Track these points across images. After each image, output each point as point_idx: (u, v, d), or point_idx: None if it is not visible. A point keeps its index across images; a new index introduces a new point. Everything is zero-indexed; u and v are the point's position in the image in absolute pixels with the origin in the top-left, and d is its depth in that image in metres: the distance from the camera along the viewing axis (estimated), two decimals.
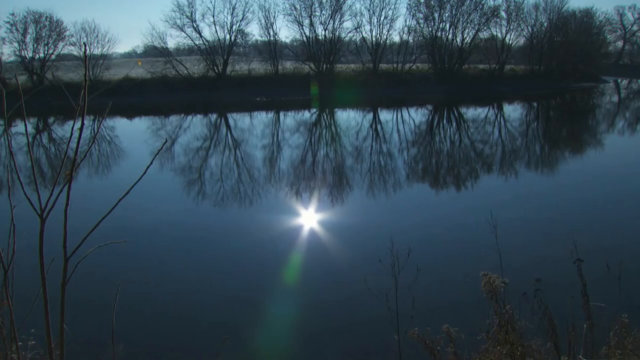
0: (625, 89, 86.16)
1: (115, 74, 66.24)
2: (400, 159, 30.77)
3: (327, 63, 70.38)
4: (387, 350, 5.99)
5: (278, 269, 13.94)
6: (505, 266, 6.02)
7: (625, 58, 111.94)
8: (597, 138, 38.87)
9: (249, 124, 47.86)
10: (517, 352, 5.14)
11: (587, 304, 5.97)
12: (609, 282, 6.89)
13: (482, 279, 5.20)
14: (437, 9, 72.97)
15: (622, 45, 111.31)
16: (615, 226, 17.09)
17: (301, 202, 20.86)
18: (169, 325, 11.14)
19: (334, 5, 69.64)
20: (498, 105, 61.12)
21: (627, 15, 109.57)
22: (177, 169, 27.77)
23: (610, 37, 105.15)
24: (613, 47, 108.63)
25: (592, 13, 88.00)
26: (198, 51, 68.76)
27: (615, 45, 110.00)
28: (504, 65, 79.13)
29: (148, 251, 15.42)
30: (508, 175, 26.46)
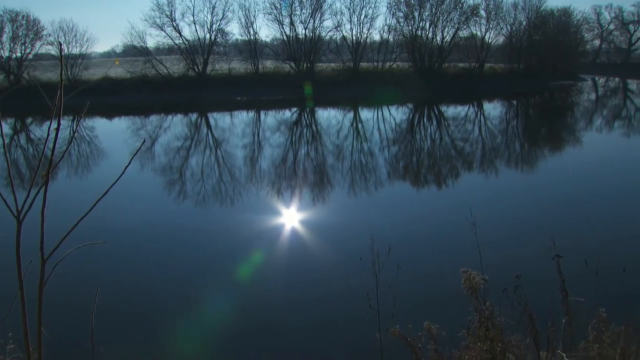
0: (603, 87, 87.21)
1: (94, 74, 65.63)
2: (381, 157, 30.87)
3: (308, 62, 70.37)
4: (369, 348, 6.00)
5: (259, 268, 13.93)
6: (485, 263, 6.06)
7: (602, 56, 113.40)
8: (575, 136, 39.28)
9: (230, 124, 47.69)
10: (497, 348, 5.17)
11: (565, 300, 6.03)
12: (587, 278, 6.95)
13: (462, 275, 5.23)
14: (417, 7, 73.30)
15: (599, 43, 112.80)
16: (592, 223, 17.29)
17: (282, 201, 20.85)
18: (150, 327, 11.06)
19: (314, 4, 69.70)
20: (478, 104, 61.53)
21: (603, 15, 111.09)
22: (158, 169, 27.60)
23: (588, 36, 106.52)
24: (590, 46, 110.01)
25: (569, 12, 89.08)
26: (178, 50, 68.35)
27: (593, 44, 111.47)
28: (483, 63, 79.71)
29: (128, 252, 15.30)
30: (488, 173, 26.68)
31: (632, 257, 9.72)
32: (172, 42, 68.65)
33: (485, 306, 5.29)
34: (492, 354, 5.14)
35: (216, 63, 69.19)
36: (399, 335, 5.46)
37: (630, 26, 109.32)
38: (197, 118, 52.04)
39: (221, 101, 60.98)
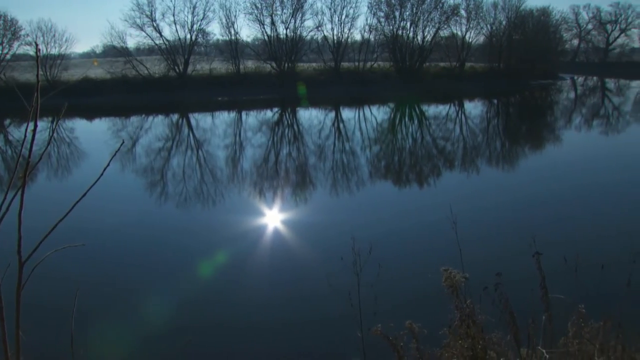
0: (582, 86, 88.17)
1: (73, 75, 64.95)
2: (362, 156, 30.92)
3: (289, 62, 70.31)
4: (351, 348, 6.02)
5: (241, 268, 13.90)
6: (466, 261, 6.09)
7: (581, 56, 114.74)
8: (555, 134, 39.64)
9: (211, 124, 47.49)
10: (478, 345, 5.21)
11: (545, 296, 6.08)
12: (567, 275, 7.05)
13: (443, 274, 5.26)
14: (398, 7, 73.51)
15: (577, 43, 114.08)
16: (572, 220, 17.47)
17: (264, 201, 20.82)
18: (130, 329, 10.99)
19: (295, 4, 69.61)
20: (459, 103, 61.89)
21: (582, 15, 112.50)
22: (139, 170, 27.43)
23: (567, 36, 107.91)
24: (569, 45, 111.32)
25: (548, 12, 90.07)
26: (159, 51, 67.84)
27: (572, 43, 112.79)
28: (464, 63, 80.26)
29: (108, 253, 15.18)
30: (468, 171, 26.84)
31: (610, 255, 9.84)
32: (152, 42, 68.23)
33: (466, 304, 5.33)
34: (473, 352, 5.17)
35: (197, 63, 68.83)
36: (381, 334, 5.47)
37: (608, 26, 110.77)
38: (178, 119, 51.75)
39: (202, 101, 60.71)
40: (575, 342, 5.59)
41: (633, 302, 6.34)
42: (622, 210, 18.53)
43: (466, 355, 5.16)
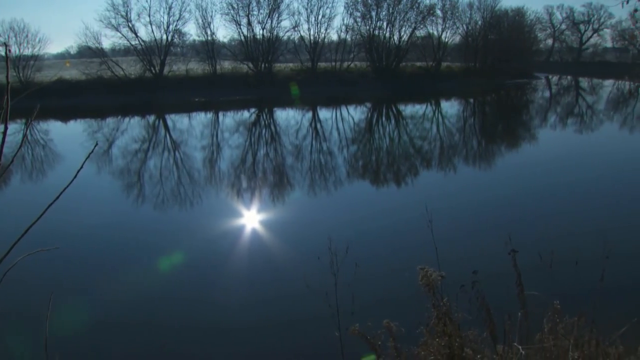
0: (556, 85, 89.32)
1: (47, 75, 64.04)
2: (339, 156, 30.96)
3: (266, 62, 70.17)
4: (329, 347, 6.03)
5: (218, 269, 13.85)
6: (442, 259, 6.13)
7: (555, 55, 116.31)
8: (530, 133, 40.06)
9: (188, 125, 47.18)
10: (455, 343, 5.25)
11: (521, 293, 6.15)
12: (542, 271, 7.13)
13: (419, 273, 5.28)
14: (374, 7, 73.83)
15: (552, 43, 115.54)
16: (547, 218, 17.67)
17: (242, 202, 20.77)
18: (106, 332, 10.90)
19: (272, 4, 69.50)
20: (435, 102, 62.27)
21: (555, 15, 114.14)
22: (115, 172, 27.17)
23: (541, 35, 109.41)
24: (544, 45, 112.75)
25: (523, 12, 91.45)
26: (134, 51, 67.21)
27: (546, 43, 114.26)
28: (440, 62, 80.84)
29: (83, 256, 15.02)
30: (445, 170, 27.03)
31: (584, 251, 9.98)
32: (128, 43, 67.50)
33: (442, 302, 5.36)
34: (450, 349, 5.21)
35: (173, 64, 68.38)
36: (359, 334, 5.49)
37: (581, 26, 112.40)
38: (154, 120, 51.36)
39: (179, 102, 60.28)
40: (551, 338, 5.65)
41: (606, 297, 6.43)
42: (596, 207, 18.81)
43: (443, 353, 5.20)
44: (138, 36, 67.20)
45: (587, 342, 5.51)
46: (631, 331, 5.78)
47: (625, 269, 12.46)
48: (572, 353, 5.36)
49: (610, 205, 18.98)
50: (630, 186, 22.12)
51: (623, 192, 20.99)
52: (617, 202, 19.51)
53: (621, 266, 12.22)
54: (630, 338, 5.75)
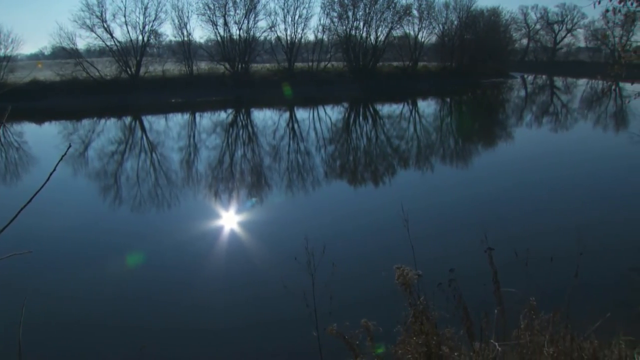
0: (532, 84, 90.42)
1: (21, 77, 63.04)
2: (317, 156, 30.95)
3: (242, 63, 69.98)
4: (307, 348, 6.02)
5: (195, 271, 13.78)
6: (420, 258, 6.16)
7: (530, 55, 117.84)
8: (506, 132, 40.48)
9: (165, 126, 46.87)
10: (432, 341, 5.28)
11: (498, 291, 6.20)
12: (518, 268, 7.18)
13: (396, 272, 5.31)
14: (351, 7, 74.06)
15: (527, 42, 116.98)
16: (522, 215, 17.88)
17: (220, 203, 20.68)
18: (82, 336, 10.78)
19: (248, 5, 69.35)
20: (412, 102, 62.58)
21: (530, 15, 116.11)
22: (91, 174, 26.89)
23: (516, 35, 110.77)
24: (519, 45, 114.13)
25: (498, 12, 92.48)
26: (110, 52, 66.54)
27: (521, 42, 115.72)
28: (417, 62, 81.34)
29: (58, 260, 14.87)
30: (422, 170, 27.20)
31: (559, 247, 10.10)
32: (103, 43, 66.78)
33: (419, 301, 5.39)
34: (427, 347, 5.24)
35: (149, 65, 67.89)
36: (336, 333, 5.50)
37: (555, 26, 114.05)
38: (131, 121, 50.91)
39: (155, 103, 59.85)
40: (527, 334, 5.71)
41: (581, 293, 6.51)
42: (570, 204, 19.05)
43: (420, 351, 5.22)
44: (113, 37, 66.62)
45: (562, 337, 5.57)
46: (605, 326, 5.86)
47: (598, 265, 12.66)
48: (548, 349, 5.42)
49: (584, 203, 19.25)
50: (603, 183, 22.46)
51: (596, 190, 21.31)
52: (591, 199, 19.79)
53: (595, 262, 12.42)
54: (604, 332, 5.83)
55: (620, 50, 12.21)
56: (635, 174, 20.35)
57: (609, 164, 26.42)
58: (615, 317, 6.06)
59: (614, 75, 11.93)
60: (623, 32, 76.66)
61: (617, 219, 17.20)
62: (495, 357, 5.56)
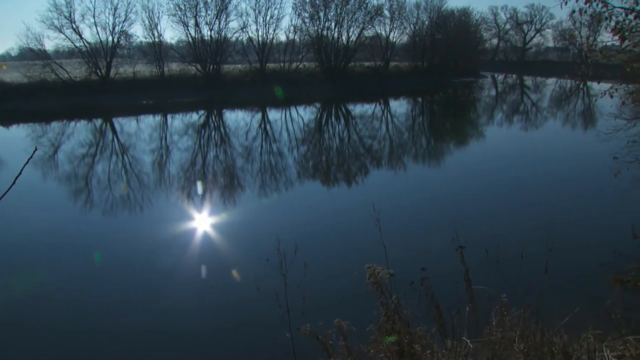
0: (502, 83, 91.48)
1: None
2: (289, 157, 30.92)
3: (214, 64, 69.58)
4: (280, 349, 6.02)
5: (167, 274, 13.68)
6: (392, 258, 6.20)
7: (500, 54, 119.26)
8: (477, 131, 40.90)
9: (136, 128, 46.40)
10: (404, 340, 5.31)
11: (469, 288, 6.27)
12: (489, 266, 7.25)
13: (367, 271, 5.33)
14: (322, 8, 74.15)
15: (497, 42, 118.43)
16: (493, 214, 18.09)
17: (191, 205, 20.55)
18: (53, 340, 10.64)
19: (219, 6, 68.97)
20: (384, 101, 62.87)
21: (500, 15, 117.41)
22: (62, 178, 26.50)
23: (486, 35, 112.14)
24: (489, 45, 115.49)
25: (469, 12, 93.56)
26: (79, 54, 65.55)
27: (491, 42, 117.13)
28: (388, 62, 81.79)
29: (25, 264, 14.64)
30: (394, 169, 27.34)
31: (529, 244, 10.22)
32: (72, 44, 65.74)
33: (391, 300, 5.42)
34: (399, 346, 5.27)
35: (120, 66, 67.07)
36: (310, 334, 5.51)
37: (524, 26, 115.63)
38: (101, 123, 50.28)
39: (126, 105, 59.18)
40: (499, 331, 5.77)
41: (550, 289, 6.62)
42: (540, 202, 19.32)
43: (393, 350, 5.26)
44: (83, 38, 65.58)
45: (533, 333, 5.65)
46: (575, 320, 5.96)
47: (568, 261, 12.85)
48: (518, 344, 5.49)
49: (554, 200, 19.52)
50: (572, 181, 22.80)
51: (565, 187, 21.62)
52: (560, 197, 20.08)
53: (564, 258, 12.61)
54: (574, 327, 5.92)
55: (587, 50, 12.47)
56: (602, 172, 20.65)
57: (577, 162, 26.83)
58: (584, 312, 6.17)
59: (582, 75, 12.12)
60: (590, 33, 77.96)
61: (585, 216, 17.49)
62: (467, 354, 5.61)
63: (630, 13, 10.11)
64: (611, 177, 14.69)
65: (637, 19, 10.14)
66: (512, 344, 5.54)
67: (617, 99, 11.90)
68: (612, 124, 17.09)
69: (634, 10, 10.04)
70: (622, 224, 15.87)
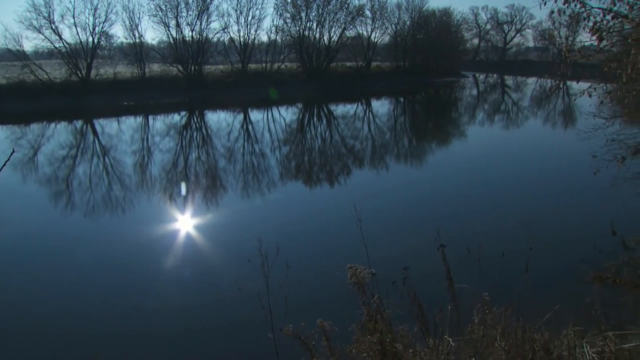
0: (483, 83, 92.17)
1: None
2: (272, 158, 30.88)
3: (195, 64, 69.18)
4: (263, 350, 6.01)
5: (150, 276, 13.61)
6: (374, 257, 6.22)
7: (481, 54, 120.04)
8: (459, 130, 41.15)
9: (117, 130, 46.04)
10: (386, 339, 5.33)
11: (451, 287, 6.32)
12: (471, 265, 7.31)
13: (349, 271, 5.34)
14: (304, 8, 74.06)
15: (478, 42, 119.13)
16: (473, 213, 18.22)
17: (174, 206, 20.47)
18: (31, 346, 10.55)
19: (200, 6, 68.59)
20: (366, 101, 62.98)
21: (481, 15, 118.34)
22: (42, 180, 26.22)
23: (468, 35, 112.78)
24: (470, 44, 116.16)
25: (450, 12, 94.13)
26: (59, 54, 64.76)
27: (472, 42, 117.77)
28: (370, 62, 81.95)
29: (4, 267, 14.49)
30: (376, 169, 27.43)
31: (510, 243, 10.32)
32: (52, 45, 64.92)
33: (373, 300, 5.44)
34: (382, 345, 5.28)
35: (100, 67, 66.32)
36: (292, 334, 5.51)
37: (505, 26, 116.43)
38: (82, 125, 49.81)
39: (107, 107, 58.53)
40: (481, 329, 5.81)
41: (531, 286, 6.68)
42: (520, 201, 19.50)
43: (375, 349, 5.27)
44: (62, 38, 64.71)
45: (514, 330, 5.69)
46: (555, 317, 6.02)
47: (549, 259, 12.96)
48: (500, 342, 5.53)
49: (534, 199, 19.72)
50: (552, 180, 23.02)
51: (546, 186, 21.82)
52: (540, 195, 20.28)
53: (545, 256, 12.72)
54: (554, 324, 5.98)
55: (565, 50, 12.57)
56: (582, 170, 20.84)
57: (557, 160, 27.06)
58: (565, 309, 6.23)
59: (561, 75, 12.23)
60: (569, 33, 78.65)
61: (566, 214, 17.65)
62: (449, 353, 5.64)
63: (608, 13, 10.21)
64: (591, 175, 14.83)
65: (614, 20, 10.24)
66: (493, 342, 5.58)
67: (596, 98, 12.02)
68: (591, 122, 17.28)
69: (612, 10, 10.14)
70: (601, 222, 16.04)
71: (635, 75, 9.85)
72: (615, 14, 10.17)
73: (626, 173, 12.92)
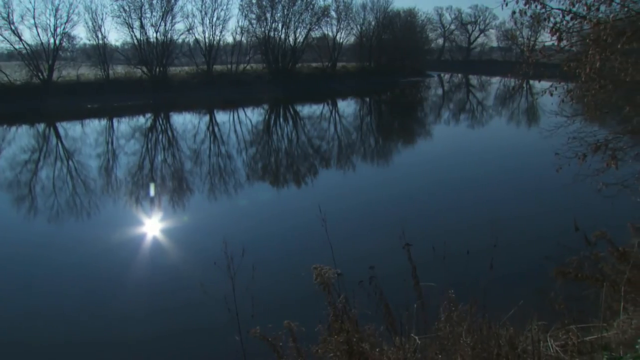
0: (448, 82, 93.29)
1: None
2: (238, 159, 30.80)
3: (160, 66, 68.46)
4: (230, 352, 5.98)
5: (114, 281, 13.45)
6: (341, 258, 6.24)
7: (446, 54, 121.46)
8: (424, 130, 41.55)
9: (81, 133, 45.30)
10: (353, 339, 5.35)
11: (417, 285, 6.36)
12: (436, 263, 7.38)
13: (314, 272, 5.35)
14: (269, 9, 73.91)
15: (442, 42, 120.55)
16: (438, 212, 18.46)
17: (139, 210, 20.27)
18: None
19: (165, 7, 67.91)
20: (332, 102, 63.12)
21: (445, 16, 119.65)
22: (3, 185, 25.63)
23: (432, 35, 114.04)
24: (435, 45, 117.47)
25: (414, 13, 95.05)
26: (19, 56, 63.43)
27: (437, 42, 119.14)
28: (336, 62, 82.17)
29: None
30: (342, 170, 27.55)
31: (475, 241, 10.39)
32: (11, 46, 63.60)
33: (339, 300, 5.45)
34: (348, 345, 5.30)
35: (63, 69, 65.08)
36: (259, 336, 5.49)
37: (469, 26, 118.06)
38: (44, 128, 48.91)
39: (70, 109, 57.55)
40: (447, 326, 5.86)
41: (496, 283, 6.77)
42: (484, 199, 19.79)
43: (342, 349, 5.28)
44: (22, 40, 63.33)
45: (480, 326, 5.76)
46: (519, 313, 6.11)
47: (513, 256, 13.21)
48: (465, 338, 5.59)
49: (498, 197, 20.04)
50: (516, 177, 23.41)
51: (510, 184, 22.18)
52: (504, 193, 20.61)
53: (510, 253, 12.95)
54: (519, 319, 6.07)
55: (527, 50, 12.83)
56: (545, 168, 21.14)
57: (521, 158, 27.50)
58: (529, 304, 6.32)
59: (523, 74, 12.42)
60: (531, 33, 79.98)
61: (529, 211, 17.97)
62: (416, 350, 5.69)
63: (567, 14, 10.41)
64: (553, 172, 15.08)
65: (573, 20, 10.45)
66: (459, 338, 5.63)
67: (557, 97, 12.24)
68: (553, 121, 17.54)
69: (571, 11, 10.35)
70: (564, 218, 16.26)
71: (594, 74, 10.07)
72: (574, 15, 10.38)
73: (587, 170, 13.15)
